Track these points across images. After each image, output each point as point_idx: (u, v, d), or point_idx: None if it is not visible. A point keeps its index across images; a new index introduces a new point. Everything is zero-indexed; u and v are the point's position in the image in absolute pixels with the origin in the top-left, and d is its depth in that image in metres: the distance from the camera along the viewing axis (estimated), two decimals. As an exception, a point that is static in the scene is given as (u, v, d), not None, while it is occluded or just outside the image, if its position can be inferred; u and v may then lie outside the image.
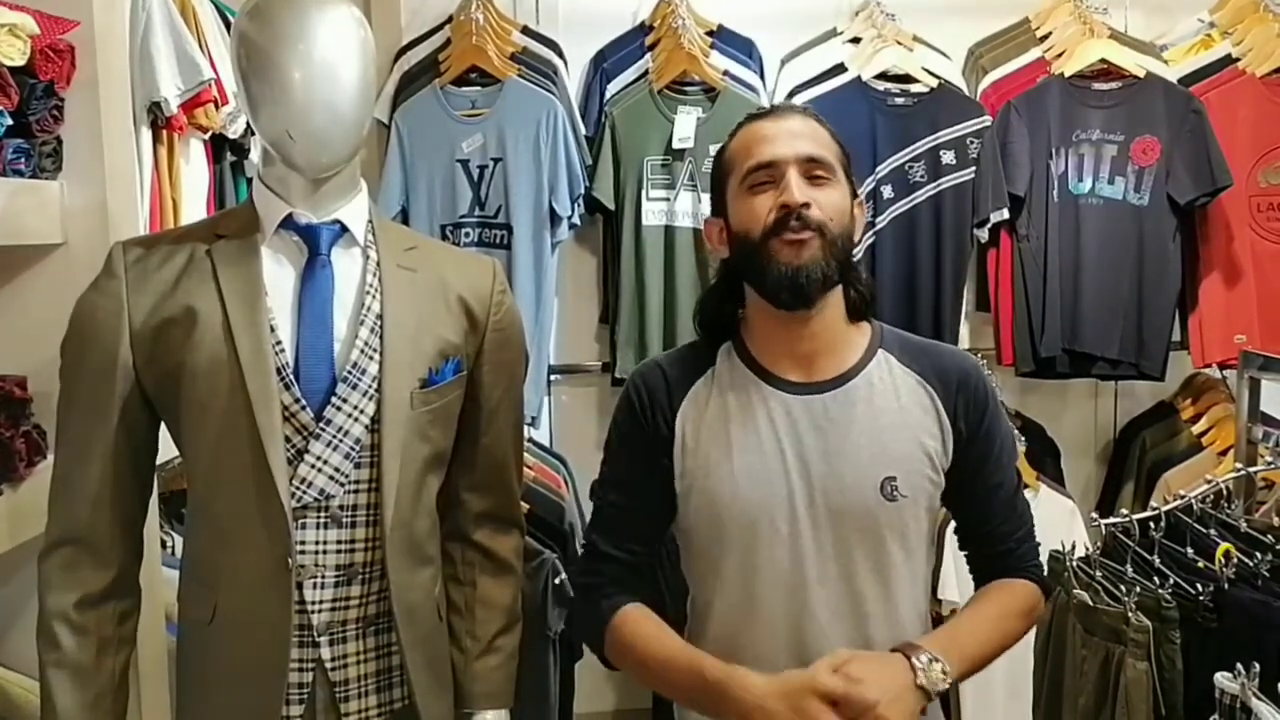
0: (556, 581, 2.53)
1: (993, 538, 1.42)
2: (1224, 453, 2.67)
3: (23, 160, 1.50)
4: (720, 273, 1.45)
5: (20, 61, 1.45)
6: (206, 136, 2.11)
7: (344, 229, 1.37)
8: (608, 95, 2.96)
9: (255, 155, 2.28)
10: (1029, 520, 1.45)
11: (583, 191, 2.86)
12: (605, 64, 2.99)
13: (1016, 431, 2.66)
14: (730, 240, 1.38)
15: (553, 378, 3.03)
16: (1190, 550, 1.64)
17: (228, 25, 2.15)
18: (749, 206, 1.33)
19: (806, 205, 1.29)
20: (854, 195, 1.38)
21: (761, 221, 1.31)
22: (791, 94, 2.89)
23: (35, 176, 1.53)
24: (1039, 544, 1.46)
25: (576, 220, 2.90)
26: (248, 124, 2.18)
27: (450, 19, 2.93)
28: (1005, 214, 2.83)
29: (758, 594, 1.34)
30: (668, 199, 2.89)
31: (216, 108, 2.04)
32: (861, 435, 1.33)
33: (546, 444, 3.01)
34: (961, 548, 1.47)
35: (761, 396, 1.36)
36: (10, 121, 1.45)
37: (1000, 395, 1.53)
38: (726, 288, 1.43)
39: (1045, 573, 1.46)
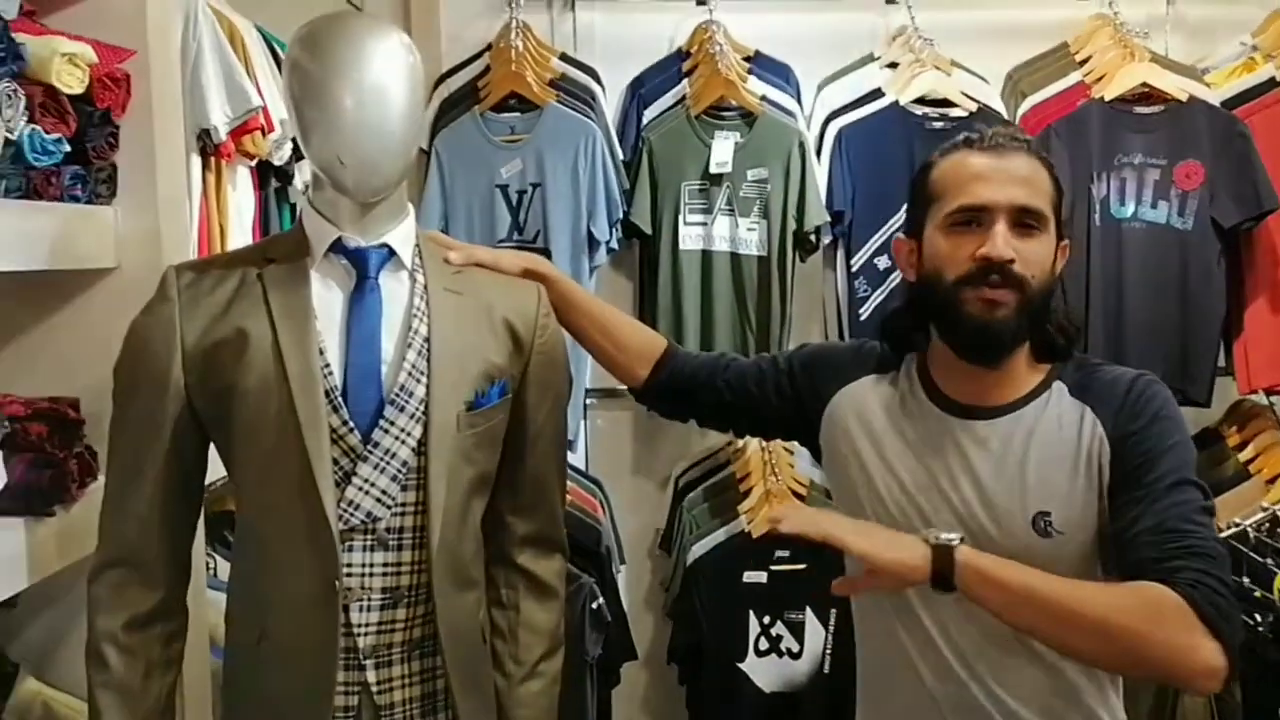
0: (594, 606, 2.53)
1: (1137, 543, 1.19)
2: (1272, 480, 2.63)
3: (79, 186, 1.52)
4: (908, 298, 1.44)
5: (79, 90, 1.48)
6: (253, 163, 2.14)
7: (392, 252, 1.38)
8: (645, 120, 2.96)
9: (299, 181, 2.31)
10: (1198, 536, 1.17)
11: (620, 216, 2.87)
12: (643, 89, 3.01)
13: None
14: (919, 268, 1.36)
15: (589, 401, 3.03)
16: (1247, 579, 1.61)
17: (274, 54, 2.18)
18: (948, 245, 1.30)
19: (1011, 261, 1.25)
20: (1060, 238, 1.32)
21: (958, 267, 1.28)
22: (830, 118, 2.89)
23: (91, 202, 1.55)
24: (1217, 575, 1.14)
25: (614, 244, 2.90)
26: (293, 151, 2.20)
27: (489, 46, 2.96)
28: (1046, 238, 2.81)
29: (909, 601, 1.34)
30: (705, 223, 2.90)
31: (263, 135, 2.07)
32: (1018, 467, 1.30)
33: (582, 468, 3.01)
34: (1114, 566, 1.26)
35: (924, 412, 1.37)
36: (68, 148, 1.48)
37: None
38: (914, 316, 1.41)
39: (1214, 606, 1.11)
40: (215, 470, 1.44)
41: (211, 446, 1.41)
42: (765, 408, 1.54)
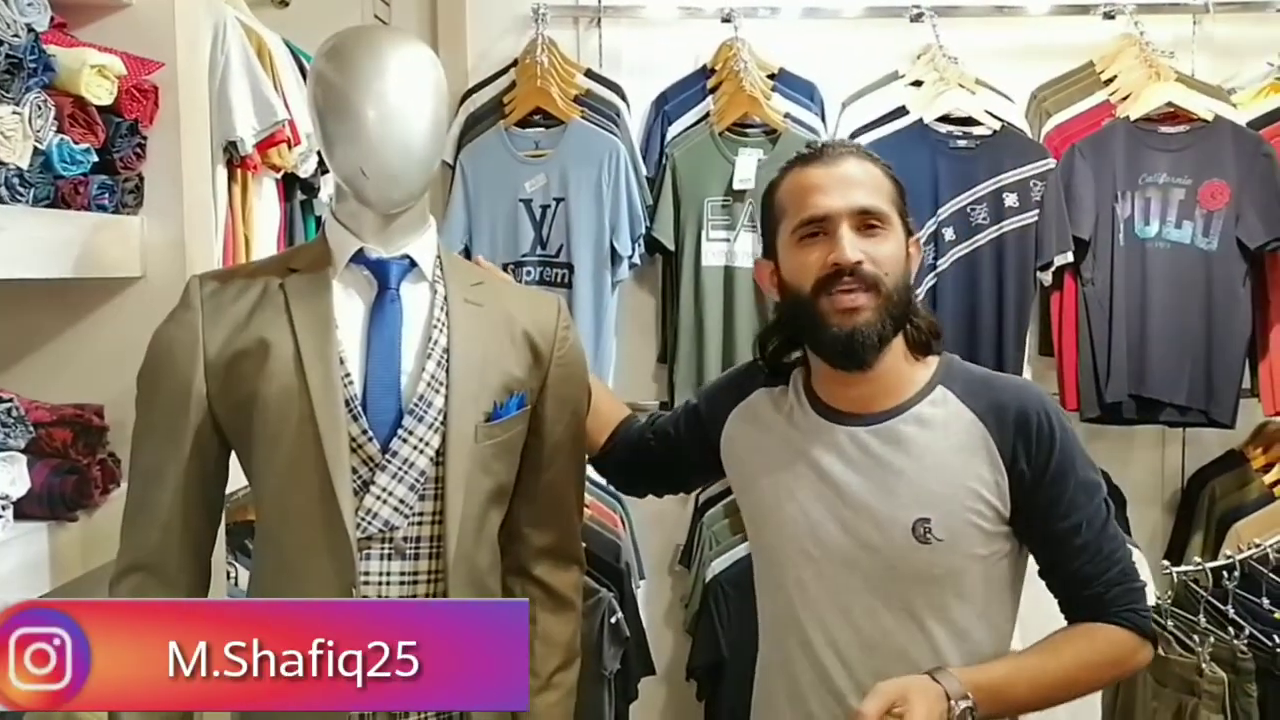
0: (613, 620, 2.53)
1: (1077, 581, 1.33)
2: (1297, 503, 2.60)
3: (106, 196, 1.54)
4: (779, 315, 1.46)
5: (108, 101, 1.50)
6: (279, 176, 2.16)
7: (413, 264, 1.40)
8: (669, 137, 2.98)
9: (325, 194, 2.33)
10: (1123, 560, 1.34)
11: (643, 232, 2.88)
12: (667, 106, 3.02)
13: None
14: (780, 287, 1.39)
15: (610, 416, 3.03)
16: (1266, 601, 1.60)
17: (301, 68, 2.21)
18: (800, 259, 1.33)
19: (859, 263, 1.28)
20: (909, 234, 1.36)
21: (812, 276, 1.31)
22: (853, 136, 2.89)
23: (117, 212, 1.57)
24: (1143, 585, 1.35)
25: (637, 260, 2.92)
26: (318, 164, 2.23)
27: (515, 62, 2.99)
28: (1069, 257, 2.79)
29: (796, 611, 1.36)
30: (728, 240, 2.90)
31: (289, 147, 2.09)
32: (900, 473, 1.31)
33: (603, 483, 3.01)
34: (1053, 594, 1.37)
35: (810, 423, 1.38)
36: (96, 158, 1.50)
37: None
38: (786, 332, 1.44)
39: (1145, 618, 1.34)
40: (236, 480, 1.45)
41: (233, 455, 1.42)
42: (685, 448, 1.55)
